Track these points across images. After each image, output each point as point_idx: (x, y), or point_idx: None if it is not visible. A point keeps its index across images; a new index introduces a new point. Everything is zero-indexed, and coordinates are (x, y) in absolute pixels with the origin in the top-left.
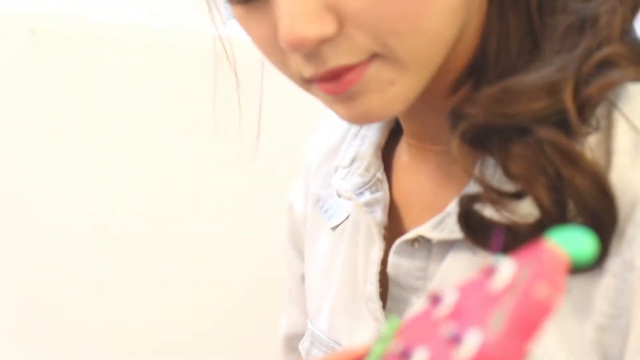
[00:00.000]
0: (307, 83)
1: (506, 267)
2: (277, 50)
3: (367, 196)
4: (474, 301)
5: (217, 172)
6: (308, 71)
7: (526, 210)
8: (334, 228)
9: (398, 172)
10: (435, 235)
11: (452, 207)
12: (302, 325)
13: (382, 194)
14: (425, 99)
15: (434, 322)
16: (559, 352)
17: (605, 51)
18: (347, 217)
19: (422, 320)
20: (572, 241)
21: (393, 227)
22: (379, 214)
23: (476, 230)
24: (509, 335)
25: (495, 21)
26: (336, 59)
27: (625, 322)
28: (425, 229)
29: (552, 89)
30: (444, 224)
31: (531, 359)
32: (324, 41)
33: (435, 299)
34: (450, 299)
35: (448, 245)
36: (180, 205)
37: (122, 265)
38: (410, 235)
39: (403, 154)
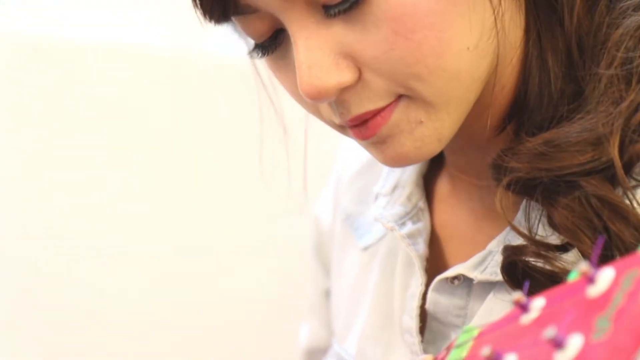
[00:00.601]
0: (342, 128)
1: (606, 275)
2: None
3: (409, 227)
4: (571, 307)
5: (265, 223)
6: (336, 119)
7: (571, 258)
8: (365, 248)
9: (439, 201)
10: (476, 275)
11: (494, 246)
12: (325, 339)
13: (424, 224)
14: (468, 137)
15: (523, 327)
16: None
17: None
18: (381, 239)
19: (509, 325)
20: None
21: (432, 259)
22: (421, 246)
23: (520, 280)
24: (618, 342)
25: (534, 62)
26: (360, 105)
27: None
28: (466, 268)
29: (598, 142)
30: (485, 263)
31: None
32: (345, 89)
33: (522, 306)
34: (537, 304)
35: (489, 286)
36: (185, 223)
37: (124, 282)
38: (450, 273)
39: (445, 184)
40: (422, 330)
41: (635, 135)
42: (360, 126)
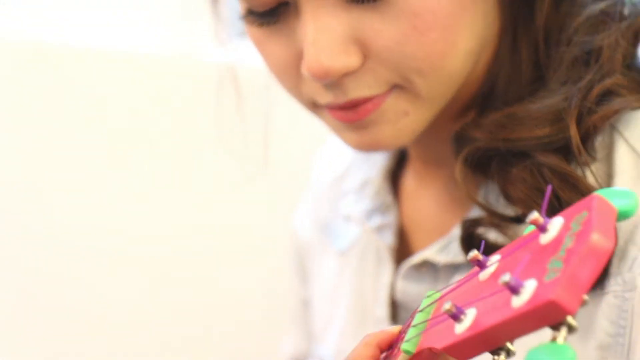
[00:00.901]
0: (317, 108)
1: (556, 222)
2: (291, 74)
3: (378, 220)
4: (525, 256)
5: (225, 191)
6: (325, 99)
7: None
8: (341, 253)
9: (405, 196)
10: (441, 259)
11: (457, 231)
12: (305, 348)
13: (392, 217)
14: (431, 126)
15: (482, 282)
16: None
17: (607, 82)
18: (355, 242)
19: (468, 283)
20: (617, 196)
21: (401, 251)
22: (389, 238)
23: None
24: (569, 279)
25: (507, 54)
26: (357, 90)
27: (627, 341)
28: (430, 253)
29: (557, 117)
30: (449, 248)
31: None
32: (347, 73)
33: (480, 263)
34: (494, 261)
35: (454, 269)
36: (184, 224)
37: (124, 282)
38: (416, 259)
39: (411, 178)
40: (395, 320)
41: (593, 107)
42: (349, 109)
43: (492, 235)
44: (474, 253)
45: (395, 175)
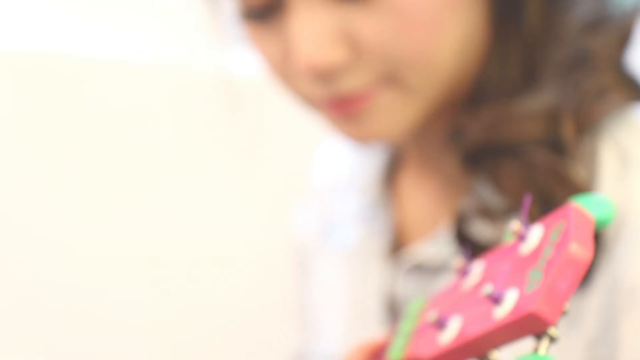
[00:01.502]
0: (312, 102)
1: (536, 232)
2: (286, 70)
3: (374, 222)
4: (506, 265)
5: (267, 222)
6: (317, 93)
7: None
8: (341, 255)
9: (403, 196)
10: (435, 254)
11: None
12: (309, 350)
13: (388, 219)
14: (426, 124)
15: (464, 292)
16: None
17: (600, 81)
18: (354, 243)
19: (452, 292)
20: (594, 204)
21: (400, 251)
22: (385, 239)
23: (470, 245)
24: (549, 290)
25: (497, 52)
26: (347, 83)
27: (613, 337)
28: (425, 250)
29: (551, 114)
30: (441, 243)
31: None
32: (337, 68)
33: (463, 271)
34: (477, 269)
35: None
36: (184, 227)
37: (123, 283)
38: (410, 262)
39: (407, 178)
40: (396, 320)
41: (587, 104)
42: (342, 102)
43: (482, 229)
44: (459, 263)
45: (392, 176)
